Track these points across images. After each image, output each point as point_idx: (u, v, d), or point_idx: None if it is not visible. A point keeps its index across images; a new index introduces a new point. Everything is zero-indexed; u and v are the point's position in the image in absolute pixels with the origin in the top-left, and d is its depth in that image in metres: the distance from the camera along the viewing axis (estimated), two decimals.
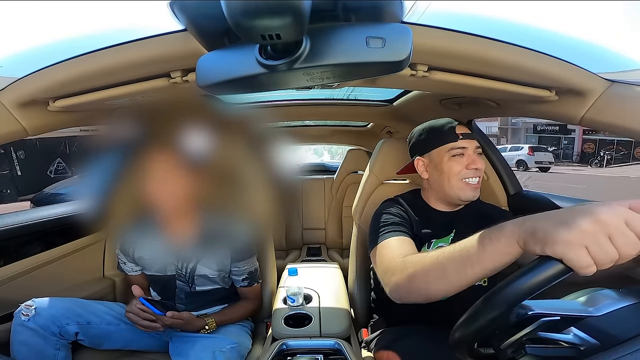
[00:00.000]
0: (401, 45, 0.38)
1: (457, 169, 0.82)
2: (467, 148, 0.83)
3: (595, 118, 0.68)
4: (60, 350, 0.85)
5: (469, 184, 0.83)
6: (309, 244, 2.31)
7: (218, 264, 0.97)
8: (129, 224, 0.77)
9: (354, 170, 2.28)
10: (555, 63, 0.62)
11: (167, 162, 0.72)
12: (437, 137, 0.85)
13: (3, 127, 0.68)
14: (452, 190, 0.84)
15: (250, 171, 0.61)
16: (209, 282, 0.98)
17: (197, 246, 0.92)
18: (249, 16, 0.31)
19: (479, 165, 0.82)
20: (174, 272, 0.95)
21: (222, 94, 0.70)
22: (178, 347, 0.90)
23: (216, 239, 0.90)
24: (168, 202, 0.75)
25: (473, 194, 0.83)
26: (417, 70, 0.62)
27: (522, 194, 1.18)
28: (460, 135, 0.83)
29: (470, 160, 0.82)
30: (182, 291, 0.97)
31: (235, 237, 0.91)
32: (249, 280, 1.03)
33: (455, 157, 0.83)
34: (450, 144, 0.83)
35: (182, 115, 0.64)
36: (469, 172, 0.82)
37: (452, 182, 0.83)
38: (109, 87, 0.66)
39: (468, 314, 0.46)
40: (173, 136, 0.64)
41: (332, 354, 0.82)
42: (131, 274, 1.01)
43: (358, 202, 1.11)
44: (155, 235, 0.87)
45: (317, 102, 1.52)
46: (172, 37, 0.53)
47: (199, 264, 0.95)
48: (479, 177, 0.83)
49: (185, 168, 0.71)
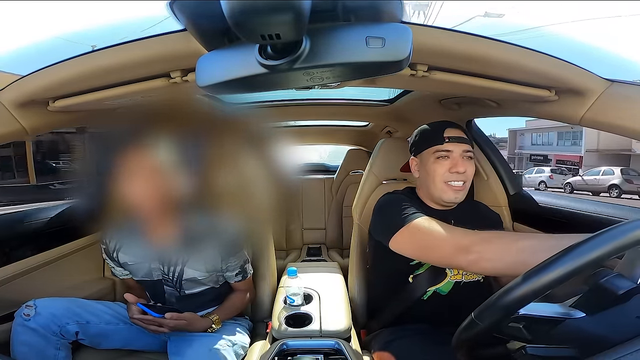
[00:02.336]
0: (401, 45, 0.38)
1: (440, 171, 0.85)
2: (452, 151, 0.85)
3: (595, 118, 0.68)
4: (60, 350, 0.85)
5: (451, 186, 0.85)
6: (309, 244, 2.31)
7: (207, 265, 0.94)
8: (112, 228, 0.76)
9: (354, 170, 2.28)
10: (555, 63, 0.62)
11: (151, 163, 0.68)
12: (426, 139, 0.89)
13: (3, 127, 0.68)
14: (436, 191, 0.87)
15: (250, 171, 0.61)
16: (198, 284, 0.95)
17: (181, 249, 0.89)
18: (248, 16, 0.31)
19: (460, 169, 0.83)
20: (160, 276, 0.93)
21: (222, 94, 0.70)
22: (176, 346, 0.90)
23: (201, 240, 0.88)
24: (150, 203, 0.72)
25: (455, 196, 0.85)
26: (417, 70, 0.62)
27: (522, 194, 1.18)
28: (447, 139, 0.85)
29: (454, 163, 0.84)
30: (171, 295, 0.95)
31: (221, 235, 0.88)
32: (242, 273, 1.01)
33: (440, 159, 0.85)
34: (436, 146, 0.86)
35: (181, 116, 0.64)
36: (452, 175, 0.84)
37: (435, 183, 0.86)
38: (108, 87, 0.66)
39: (471, 318, 0.46)
40: (167, 137, 0.63)
41: (332, 354, 0.82)
42: (122, 277, 1.00)
43: (358, 201, 1.11)
44: (138, 240, 0.86)
45: (317, 102, 1.51)
46: (172, 37, 0.53)
47: (186, 267, 0.92)
48: (463, 180, 0.85)
49: (167, 169, 0.67)
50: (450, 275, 0.84)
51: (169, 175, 0.67)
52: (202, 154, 0.60)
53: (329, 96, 1.49)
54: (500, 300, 0.42)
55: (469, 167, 0.85)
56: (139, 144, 0.66)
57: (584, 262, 0.38)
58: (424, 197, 0.94)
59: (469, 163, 0.86)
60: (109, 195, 0.66)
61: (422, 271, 0.85)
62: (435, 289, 0.84)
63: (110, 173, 0.66)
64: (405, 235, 0.79)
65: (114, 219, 0.71)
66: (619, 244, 0.38)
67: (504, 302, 0.42)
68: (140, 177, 0.68)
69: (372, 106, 1.55)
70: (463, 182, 0.85)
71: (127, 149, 0.67)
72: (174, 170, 0.66)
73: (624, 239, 0.38)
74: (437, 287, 0.84)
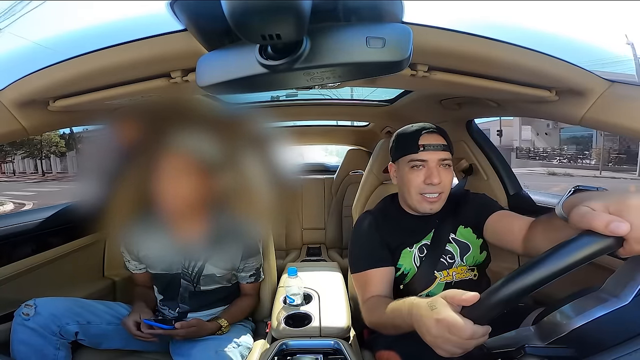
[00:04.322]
0: (401, 45, 0.38)
1: (415, 182, 0.82)
2: (427, 160, 0.81)
3: (595, 118, 0.68)
4: (60, 349, 0.85)
5: (426, 198, 0.82)
6: (308, 244, 2.31)
7: (227, 263, 0.98)
8: (132, 223, 0.77)
9: (354, 170, 2.28)
10: (555, 63, 0.62)
11: (176, 164, 0.71)
12: (402, 146, 0.86)
13: (3, 127, 0.68)
14: (412, 202, 0.85)
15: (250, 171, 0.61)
16: (214, 282, 0.98)
17: (206, 245, 0.91)
18: (249, 16, 0.31)
19: (435, 180, 0.80)
20: (180, 270, 0.95)
21: (222, 94, 0.69)
22: (179, 347, 0.90)
23: (227, 237, 0.91)
24: (177, 204, 0.75)
25: (430, 207, 0.83)
26: (417, 70, 0.62)
27: (522, 194, 1.18)
28: (422, 147, 0.81)
29: (429, 174, 0.81)
30: (186, 290, 0.97)
31: (246, 234, 0.93)
32: (256, 276, 1.04)
33: (414, 169, 0.82)
34: (410, 155, 0.82)
35: (187, 116, 0.64)
36: (426, 187, 0.81)
37: (411, 194, 0.84)
38: (109, 87, 0.66)
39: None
40: (180, 138, 0.64)
41: (332, 354, 0.82)
42: (135, 272, 1.02)
43: (358, 202, 1.11)
44: (161, 234, 0.86)
45: (317, 102, 1.52)
46: (172, 37, 0.53)
47: (208, 264, 0.96)
48: (439, 192, 0.82)
49: (195, 170, 0.71)
50: (440, 277, 0.84)
51: (199, 175, 0.72)
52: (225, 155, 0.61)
53: (329, 96, 1.49)
54: (487, 300, 0.43)
55: (445, 177, 0.82)
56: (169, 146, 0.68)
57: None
58: (404, 204, 0.91)
59: (445, 172, 0.82)
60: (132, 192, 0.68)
61: (408, 280, 0.86)
62: (428, 292, 0.84)
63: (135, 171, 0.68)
64: (354, 280, 0.90)
65: (138, 215, 0.73)
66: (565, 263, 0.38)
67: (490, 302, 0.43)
68: (172, 178, 0.71)
69: (372, 106, 1.55)
70: (439, 193, 0.82)
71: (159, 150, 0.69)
72: (204, 170, 0.69)
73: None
74: (429, 290, 0.84)
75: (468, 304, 0.46)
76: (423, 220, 0.88)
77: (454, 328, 0.46)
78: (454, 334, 0.46)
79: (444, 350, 0.48)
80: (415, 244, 0.86)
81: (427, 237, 0.87)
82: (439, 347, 0.49)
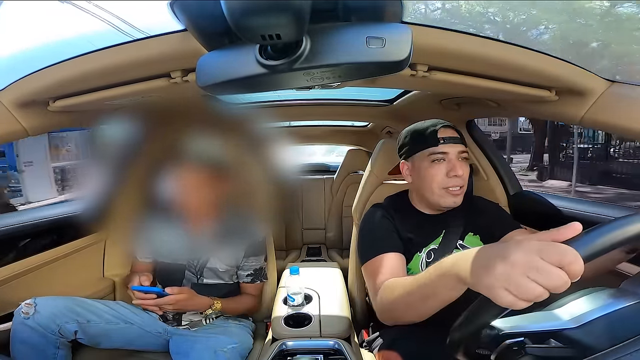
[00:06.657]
0: (401, 45, 0.38)
1: (438, 177, 0.81)
2: (448, 153, 0.80)
3: (595, 118, 0.68)
4: (60, 349, 0.85)
5: (450, 191, 0.81)
6: (309, 244, 2.31)
7: (230, 259, 1.00)
8: (143, 219, 0.80)
9: (354, 170, 2.28)
10: (555, 63, 0.62)
11: (187, 168, 0.76)
12: (419, 141, 0.84)
13: (3, 127, 0.68)
14: (433, 197, 0.83)
15: (251, 171, 0.61)
16: (217, 276, 1.00)
17: (214, 241, 0.94)
18: (249, 16, 0.31)
19: (459, 172, 0.79)
20: (185, 262, 0.98)
21: (222, 94, 0.70)
22: (178, 346, 0.90)
23: (233, 235, 0.93)
24: (189, 205, 0.80)
25: (454, 201, 0.82)
26: (417, 70, 0.62)
27: (522, 194, 1.18)
28: (442, 140, 0.80)
29: (451, 166, 0.80)
30: (189, 282, 0.99)
31: (251, 233, 0.97)
32: (253, 277, 1.05)
33: (435, 162, 0.81)
34: (430, 148, 0.81)
35: (195, 119, 0.65)
36: (450, 180, 0.80)
37: (433, 189, 0.82)
38: (109, 87, 0.66)
39: (465, 315, 0.46)
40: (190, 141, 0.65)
41: (332, 354, 0.82)
42: (141, 259, 1.04)
43: (358, 202, 1.11)
44: (171, 226, 0.88)
45: (317, 102, 1.52)
46: (172, 37, 0.53)
47: (212, 257, 0.98)
48: (461, 184, 0.82)
49: (204, 172, 0.75)
50: None
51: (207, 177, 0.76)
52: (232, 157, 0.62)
53: (329, 96, 1.49)
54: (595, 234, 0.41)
55: (465, 170, 0.81)
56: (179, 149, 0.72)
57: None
58: (417, 202, 0.91)
59: (465, 165, 0.82)
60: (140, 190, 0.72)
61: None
62: None
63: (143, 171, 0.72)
64: (365, 271, 0.84)
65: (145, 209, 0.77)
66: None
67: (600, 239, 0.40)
68: (184, 180, 0.76)
69: (372, 106, 1.55)
70: (460, 186, 0.82)
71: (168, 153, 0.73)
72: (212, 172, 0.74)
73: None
74: None
75: (568, 237, 0.38)
76: (434, 222, 0.87)
77: (551, 247, 0.36)
78: (549, 255, 0.35)
79: (515, 285, 0.36)
80: (424, 247, 0.85)
81: (436, 241, 0.85)
82: (512, 282, 0.36)
